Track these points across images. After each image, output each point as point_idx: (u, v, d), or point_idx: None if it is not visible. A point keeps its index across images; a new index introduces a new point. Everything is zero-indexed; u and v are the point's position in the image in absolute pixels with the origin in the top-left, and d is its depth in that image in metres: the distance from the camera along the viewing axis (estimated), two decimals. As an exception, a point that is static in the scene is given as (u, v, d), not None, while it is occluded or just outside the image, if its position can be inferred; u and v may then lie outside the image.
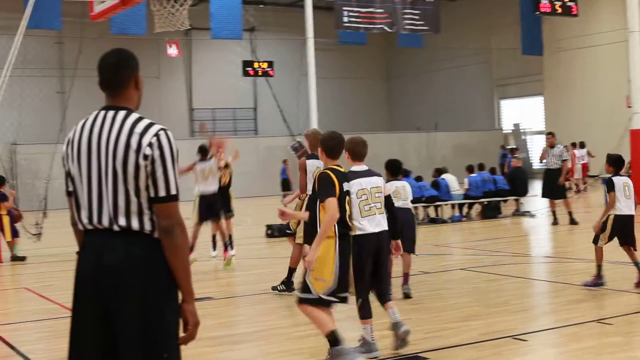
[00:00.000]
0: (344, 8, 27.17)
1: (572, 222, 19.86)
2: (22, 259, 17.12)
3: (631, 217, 10.96)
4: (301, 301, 7.28)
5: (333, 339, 7.16)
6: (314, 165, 10.87)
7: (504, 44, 45.62)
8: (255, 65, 38.33)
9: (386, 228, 7.92)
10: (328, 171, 7.34)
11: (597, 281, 10.93)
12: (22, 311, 11.81)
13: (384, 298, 8.06)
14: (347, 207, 7.39)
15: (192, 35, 44.78)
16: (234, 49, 46.75)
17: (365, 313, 7.80)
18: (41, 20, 26.70)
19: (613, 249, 11.28)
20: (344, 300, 7.34)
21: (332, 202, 7.12)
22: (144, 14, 27.56)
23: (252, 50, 47.58)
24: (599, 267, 10.97)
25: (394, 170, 11.52)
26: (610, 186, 10.94)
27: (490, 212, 23.07)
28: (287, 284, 11.45)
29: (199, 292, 4.14)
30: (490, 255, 15.21)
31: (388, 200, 8.16)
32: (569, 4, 29.11)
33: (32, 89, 32.75)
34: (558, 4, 28.95)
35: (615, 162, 11.29)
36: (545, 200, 20.87)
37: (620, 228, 10.87)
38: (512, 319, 9.31)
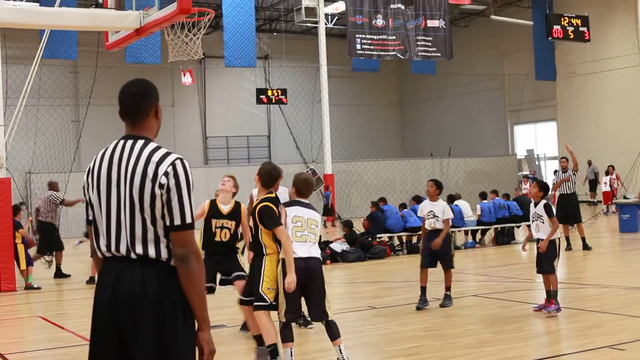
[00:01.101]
0: (357, 35, 27.34)
1: (585, 247, 19.85)
2: (37, 289, 17.11)
3: None
4: (257, 308, 8.29)
5: (274, 349, 8.29)
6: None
7: (517, 70, 45.70)
8: (269, 92, 38.44)
9: (317, 256, 8.36)
10: (267, 203, 8.34)
11: (558, 306, 11.13)
12: (36, 339, 11.85)
13: (319, 319, 8.37)
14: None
15: (206, 64, 45.03)
16: (248, 76, 47.00)
17: (285, 336, 8.20)
18: (57, 50, 26.98)
19: (622, 276, 11.24)
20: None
21: (282, 229, 8.17)
22: (159, 43, 27.81)
23: (266, 78, 47.80)
24: (556, 292, 11.25)
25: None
26: (550, 211, 11.40)
27: (504, 238, 23.05)
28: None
29: (212, 320, 4.18)
30: (503, 282, 15.19)
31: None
32: (582, 29, 29.22)
33: (47, 118, 32.90)
34: (570, 29, 29.07)
35: (546, 188, 11.81)
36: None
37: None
38: (525, 345, 9.31)
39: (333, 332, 8.21)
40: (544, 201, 11.50)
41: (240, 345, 10.35)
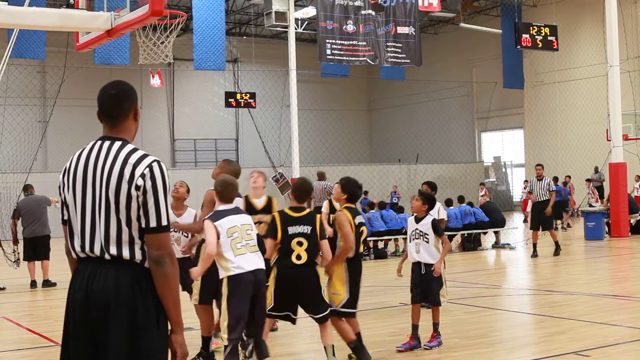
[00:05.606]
0: (327, 41, 27.31)
1: (557, 251, 20.09)
2: (2, 289, 16.97)
3: None
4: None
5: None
6: None
7: (485, 78, 45.97)
8: (238, 96, 38.39)
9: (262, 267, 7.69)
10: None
11: (440, 339, 9.66)
12: (1, 340, 11.74)
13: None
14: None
15: (175, 66, 44.90)
16: (217, 80, 46.91)
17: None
18: (25, 50, 26.74)
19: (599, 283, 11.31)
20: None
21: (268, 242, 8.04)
22: (128, 44, 27.66)
23: (235, 82, 47.75)
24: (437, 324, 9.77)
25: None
26: (439, 229, 9.56)
27: (470, 244, 23.15)
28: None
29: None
30: (469, 288, 15.26)
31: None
32: (550, 38, 29.41)
33: (14, 118, 32.66)
34: (539, 38, 29.24)
35: (432, 202, 9.83)
36: (527, 232, 20.99)
37: None
38: (491, 351, 9.36)
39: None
40: (430, 217, 9.61)
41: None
